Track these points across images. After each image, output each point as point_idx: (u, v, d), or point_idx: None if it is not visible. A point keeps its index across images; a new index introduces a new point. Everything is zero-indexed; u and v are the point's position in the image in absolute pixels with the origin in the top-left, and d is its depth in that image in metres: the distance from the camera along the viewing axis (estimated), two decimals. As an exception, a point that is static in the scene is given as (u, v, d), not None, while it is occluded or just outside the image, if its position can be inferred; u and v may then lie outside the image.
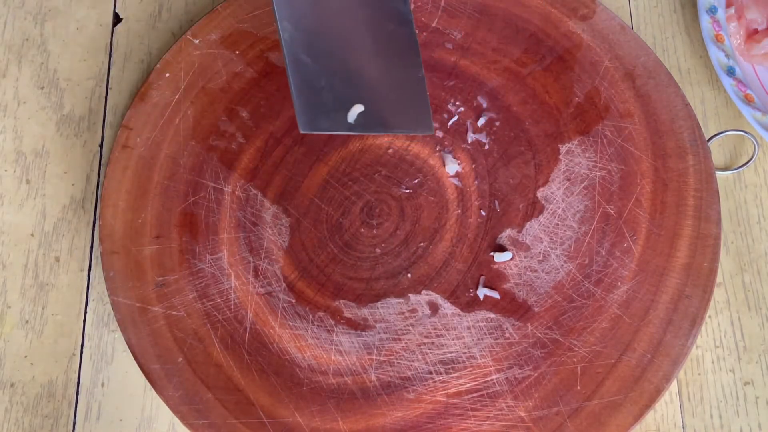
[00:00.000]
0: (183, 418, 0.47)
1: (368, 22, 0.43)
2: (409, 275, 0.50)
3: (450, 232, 0.51)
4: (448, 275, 0.50)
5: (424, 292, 0.50)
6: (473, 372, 0.47)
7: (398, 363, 0.48)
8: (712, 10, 0.57)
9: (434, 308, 0.49)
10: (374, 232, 0.51)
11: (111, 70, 0.58)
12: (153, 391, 0.48)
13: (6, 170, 0.55)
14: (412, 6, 0.49)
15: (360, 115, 0.40)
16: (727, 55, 0.55)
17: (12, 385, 0.50)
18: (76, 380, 0.50)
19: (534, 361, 0.47)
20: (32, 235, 0.54)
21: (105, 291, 0.51)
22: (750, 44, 0.56)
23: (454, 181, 0.52)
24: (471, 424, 0.46)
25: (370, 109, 0.41)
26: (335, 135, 0.53)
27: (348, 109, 0.40)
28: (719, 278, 0.51)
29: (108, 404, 0.50)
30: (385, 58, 0.44)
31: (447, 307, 0.49)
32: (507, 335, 0.48)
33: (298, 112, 0.37)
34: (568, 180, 0.52)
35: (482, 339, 0.48)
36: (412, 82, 0.46)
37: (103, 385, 0.50)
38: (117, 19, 0.60)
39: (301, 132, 0.37)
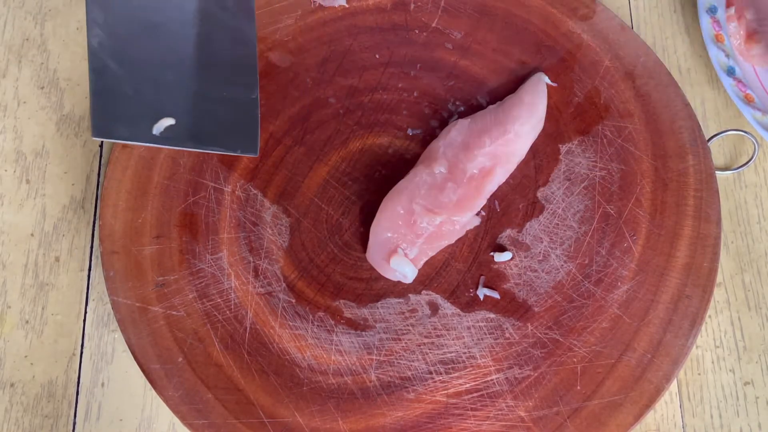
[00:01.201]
0: (183, 418, 0.47)
1: (203, 37, 0.41)
2: None
3: (450, 232, 0.51)
4: (448, 275, 0.50)
5: (424, 292, 0.50)
6: (473, 372, 0.47)
7: (398, 363, 0.48)
8: (712, 10, 0.57)
9: (434, 308, 0.49)
10: (374, 232, 0.51)
11: (111, 70, 0.58)
12: (153, 391, 0.48)
13: (6, 170, 0.55)
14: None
15: (169, 128, 0.39)
16: (727, 55, 0.55)
17: (12, 385, 0.50)
18: (76, 380, 0.50)
19: (534, 361, 0.47)
20: (32, 235, 0.54)
21: (105, 291, 0.51)
22: (750, 44, 0.56)
23: (454, 181, 0.52)
24: (471, 424, 0.46)
25: (185, 123, 0.39)
26: (334, 135, 0.53)
27: (155, 121, 0.39)
28: (719, 278, 0.51)
29: (108, 404, 0.50)
30: (216, 77, 0.43)
31: (447, 307, 0.49)
32: (507, 335, 0.48)
33: (92, 117, 0.36)
34: (568, 180, 0.52)
35: (482, 339, 0.48)
36: (243, 102, 0.45)
37: (103, 385, 0.50)
38: (117, 19, 0.60)
39: (93, 137, 0.36)
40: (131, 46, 0.39)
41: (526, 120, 0.51)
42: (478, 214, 0.51)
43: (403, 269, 0.48)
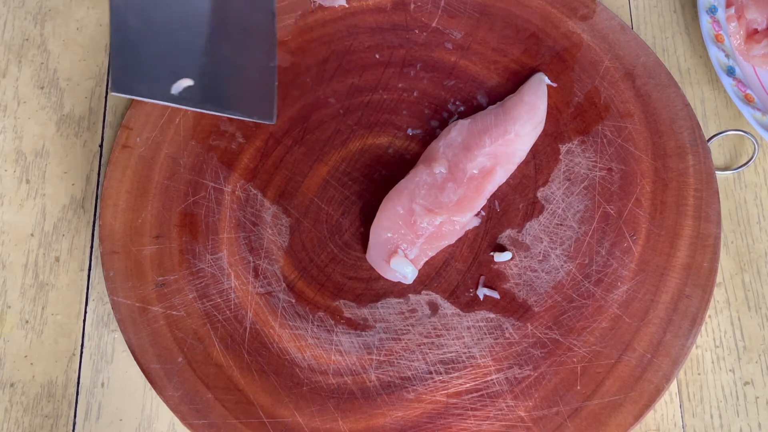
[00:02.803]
0: (183, 418, 0.47)
1: (224, 2, 0.42)
2: None
3: (450, 232, 0.51)
4: (448, 275, 0.50)
5: (424, 292, 0.50)
6: (473, 372, 0.47)
7: (398, 363, 0.48)
8: (712, 10, 0.57)
9: (434, 308, 0.49)
10: (374, 232, 0.51)
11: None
12: (153, 391, 0.48)
13: (6, 170, 0.55)
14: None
15: (187, 89, 0.39)
16: (727, 55, 0.55)
17: (12, 385, 0.50)
18: (76, 380, 0.50)
19: (534, 361, 0.47)
20: (32, 235, 0.54)
21: (105, 291, 0.51)
22: (750, 44, 0.56)
23: (454, 181, 0.52)
24: (471, 424, 0.46)
25: (203, 85, 0.39)
26: (334, 135, 0.53)
27: (174, 81, 0.39)
28: (719, 278, 0.51)
29: (108, 404, 0.50)
30: (236, 42, 0.43)
31: (447, 307, 0.49)
32: (507, 335, 0.48)
33: (113, 73, 0.36)
34: (568, 180, 0.52)
35: (482, 339, 0.48)
36: (261, 69, 0.45)
37: (103, 385, 0.50)
38: (117, 19, 0.60)
39: (112, 93, 0.36)
40: (153, 5, 0.39)
41: (526, 120, 0.51)
42: (477, 214, 0.51)
43: (403, 270, 0.48)
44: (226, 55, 0.42)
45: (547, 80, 0.54)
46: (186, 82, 0.39)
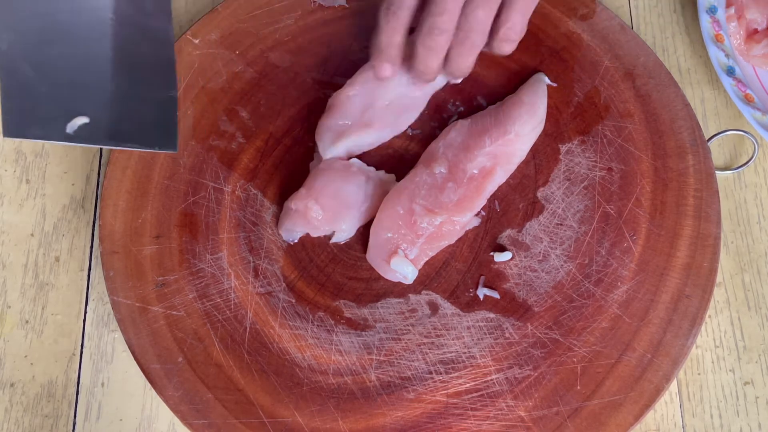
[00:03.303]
0: (183, 418, 0.47)
1: (120, 38, 0.42)
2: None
3: (450, 232, 0.51)
4: (448, 275, 0.50)
5: (424, 291, 0.50)
6: (473, 372, 0.47)
7: (398, 363, 0.48)
8: (712, 10, 0.57)
9: (434, 308, 0.49)
10: (374, 232, 0.51)
11: (111, 70, 0.58)
12: (153, 391, 0.48)
13: (6, 170, 0.55)
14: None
15: (83, 126, 0.39)
16: (727, 55, 0.55)
17: (12, 385, 0.50)
18: (76, 380, 0.50)
19: (534, 361, 0.47)
20: (32, 235, 0.54)
21: (105, 291, 0.51)
22: (750, 44, 0.56)
23: (454, 181, 0.52)
24: (471, 423, 0.46)
25: (100, 121, 0.40)
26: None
27: (68, 120, 0.39)
28: (719, 278, 0.51)
29: (108, 404, 0.50)
30: (133, 74, 0.43)
31: (447, 307, 0.49)
32: (507, 335, 0.48)
33: (4, 118, 0.36)
34: (568, 180, 0.52)
35: (482, 339, 0.48)
36: (160, 100, 0.45)
37: (103, 385, 0.50)
38: (117, 19, 0.60)
39: (4, 137, 0.36)
40: (43, 47, 0.39)
41: (526, 120, 0.51)
42: (477, 214, 0.51)
43: (403, 270, 0.48)
44: (123, 88, 0.43)
45: (547, 80, 0.54)
46: (81, 120, 0.40)
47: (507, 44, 0.49)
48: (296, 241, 0.51)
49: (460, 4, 0.46)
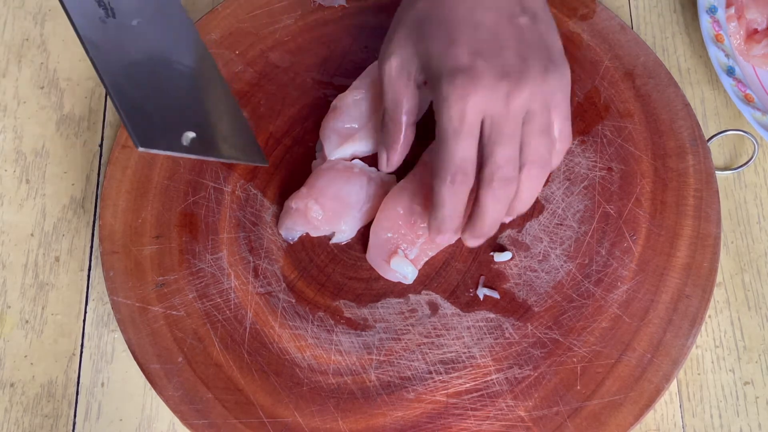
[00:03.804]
0: (183, 418, 0.47)
1: (174, 60, 0.46)
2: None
3: (450, 232, 0.51)
4: (448, 275, 0.50)
5: (424, 292, 0.50)
6: (473, 372, 0.47)
7: (398, 363, 0.48)
8: (712, 10, 0.57)
9: (434, 308, 0.49)
10: (374, 232, 0.51)
11: (111, 70, 0.58)
12: (153, 391, 0.48)
13: (6, 170, 0.55)
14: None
15: (193, 140, 0.42)
16: (727, 55, 0.55)
17: (12, 385, 0.50)
18: (76, 380, 0.50)
19: (534, 361, 0.47)
20: (32, 235, 0.54)
21: (105, 291, 0.51)
22: (750, 44, 0.56)
23: (454, 181, 0.52)
24: (471, 423, 0.46)
25: (202, 136, 0.43)
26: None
27: (181, 134, 0.42)
28: (719, 278, 0.51)
29: (108, 404, 0.50)
30: (200, 93, 0.47)
31: (447, 307, 0.49)
32: (507, 335, 0.48)
33: (133, 132, 0.39)
34: (568, 180, 0.52)
35: (482, 339, 0.48)
36: (231, 115, 0.48)
37: (103, 385, 0.50)
38: (117, 19, 0.60)
39: (140, 150, 0.39)
40: (134, 69, 0.43)
41: None
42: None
43: (403, 270, 0.48)
44: (202, 106, 0.46)
45: None
46: (191, 134, 0.42)
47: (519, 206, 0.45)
48: (296, 240, 0.51)
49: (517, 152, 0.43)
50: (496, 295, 0.49)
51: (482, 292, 0.49)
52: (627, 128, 0.53)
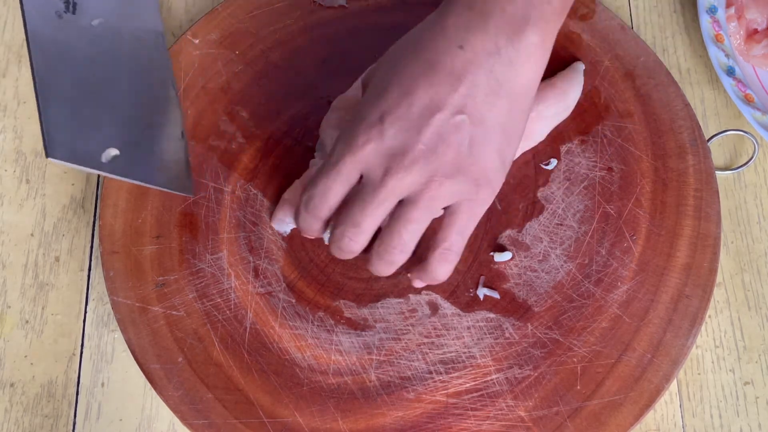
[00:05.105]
0: (183, 418, 0.47)
1: (127, 70, 0.43)
2: (409, 275, 0.50)
3: (450, 232, 0.51)
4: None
5: (424, 292, 0.50)
6: (473, 372, 0.47)
7: (398, 363, 0.48)
8: (712, 10, 0.57)
9: (434, 308, 0.49)
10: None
11: (111, 70, 0.58)
12: (153, 391, 0.48)
13: (6, 170, 0.55)
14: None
15: (115, 158, 0.40)
16: (727, 55, 0.55)
17: (12, 385, 0.50)
18: (76, 380, 0.50)
19: (534, 361, 0.47)
20: (32, 235, 0.54)
21: (105, 291, 0.51)
22: (750, 44, 0.56)
23: (454, 181, 0.52)
24: (471, 423, 0.46)
25: (127, 155, 0.41)
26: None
27: (104, 149, 0.40)
28: (719, 278, 0.51)
29: (108, 404, 0.50)
30: (142, 110, 0.45)
31: (447, 307, 0.49)
32: (507, 335, 0.48)
33: (47, 137, 0.36)
34: (568, 180, 0.52)
35: (482, 339, 0.48)
36: (172, 144, 0.47)
37: (103, 385, 0.50)
38: (117, 19, 0.60)
39: (48, 158, 0.36)
40: (73, 80, 0.40)
41: (552, 103, 0.51)
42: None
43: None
44: (141, 127, 0.43)
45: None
46: (113, 152, 0.40)
47: (442, 266, 0.44)
48: (287, 233, 0.51)
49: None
50: (496, 295, 0.49)
51: (482, 292, 0.49)
52: (627, 128, 0.53)
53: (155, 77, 0.45)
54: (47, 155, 0.36)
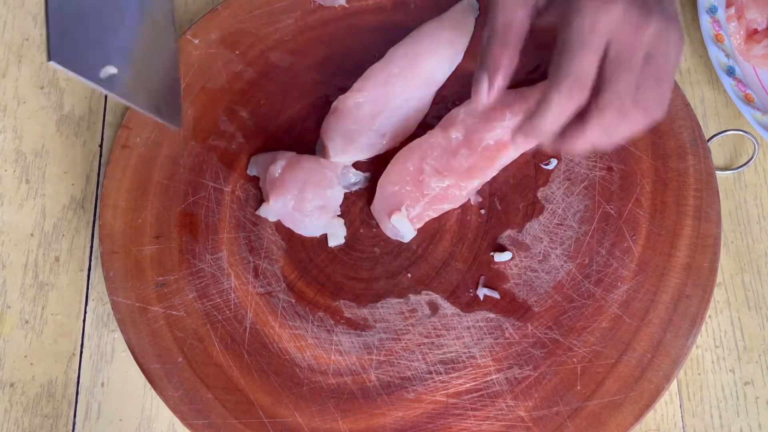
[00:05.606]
0: (183, 418, 0.47)
1: (136, 9, 0.45)
2: (408, 275, 0.50)
3: (450, 232, 0.51)
4: (448, 275, 0.50)
5: (424, 292, 0.50)
6: (473, 372, 0.47)
7: (398, 363, 0.48)
8: (712, 10, 0.57)
9: (434, 308, 0.49)
10: (374, 231, 0.51)
11: (111, 70, 0.58)
12: (153, 391, 0.48)
13: (6, 170, 0.55)
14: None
15: (112, 76, 0.41)
16: (727, 55, 0.55)
17: (12, 385, 0.50)
18: (76, 380, 0.50)
19: (534, 361, 0.47)
20: (32, 235, 0.54)
21: (105, 291, 0.51)
22: (750, 44, 0.56)
23: (454, 181, 0.52)
24: (471, 423, 0.46)
25: (123, 76, 0.41)
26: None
27: (102, 66, 0.40)
28: (719, 278, 0.51)
29: (108, 404, 0.50)
30: (141, 36, 0.45)
31: (447, 307, 0.49)
32: (507, 335, 0.48)
33: (51, 41, 0.37)
34: (568, 180, 0.52)
35: (482, 339, 0.48)
36: (167, 76, 0.47)
37: (103, 385, 0.50)
38: (117, 19, 0.60)
39: (49, 63, 0.37)
40: (84, 2, 0.41)
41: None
42: (478, 209, 0.51)
43: (402, 228, 0.49)
44: (140, 55, 0.44)
45: None
46: (111, 70, 0.41)
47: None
48: (264, 215, 0.51)
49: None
50: (496, 295, 0.49)
51: (482, 292, 0.49)
52: (627, 128, 0.53)
53: (157, 10, 0.46)
54: (49, 59, 0.37)
